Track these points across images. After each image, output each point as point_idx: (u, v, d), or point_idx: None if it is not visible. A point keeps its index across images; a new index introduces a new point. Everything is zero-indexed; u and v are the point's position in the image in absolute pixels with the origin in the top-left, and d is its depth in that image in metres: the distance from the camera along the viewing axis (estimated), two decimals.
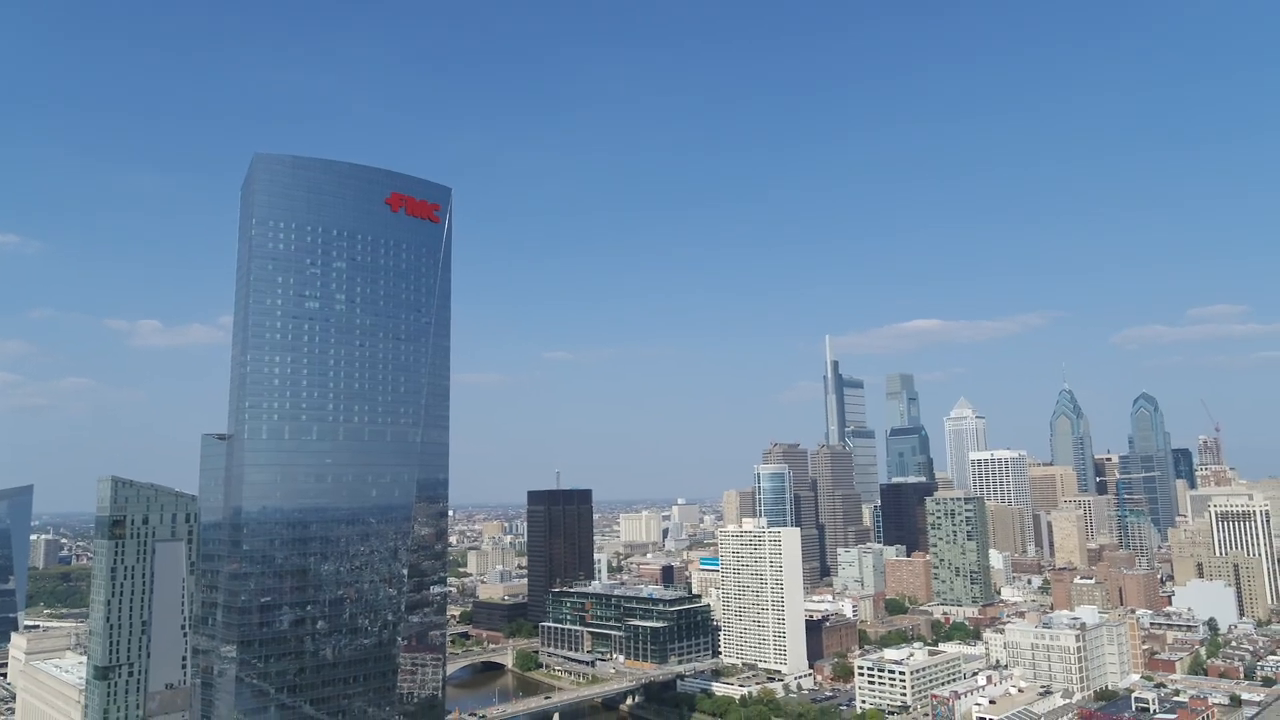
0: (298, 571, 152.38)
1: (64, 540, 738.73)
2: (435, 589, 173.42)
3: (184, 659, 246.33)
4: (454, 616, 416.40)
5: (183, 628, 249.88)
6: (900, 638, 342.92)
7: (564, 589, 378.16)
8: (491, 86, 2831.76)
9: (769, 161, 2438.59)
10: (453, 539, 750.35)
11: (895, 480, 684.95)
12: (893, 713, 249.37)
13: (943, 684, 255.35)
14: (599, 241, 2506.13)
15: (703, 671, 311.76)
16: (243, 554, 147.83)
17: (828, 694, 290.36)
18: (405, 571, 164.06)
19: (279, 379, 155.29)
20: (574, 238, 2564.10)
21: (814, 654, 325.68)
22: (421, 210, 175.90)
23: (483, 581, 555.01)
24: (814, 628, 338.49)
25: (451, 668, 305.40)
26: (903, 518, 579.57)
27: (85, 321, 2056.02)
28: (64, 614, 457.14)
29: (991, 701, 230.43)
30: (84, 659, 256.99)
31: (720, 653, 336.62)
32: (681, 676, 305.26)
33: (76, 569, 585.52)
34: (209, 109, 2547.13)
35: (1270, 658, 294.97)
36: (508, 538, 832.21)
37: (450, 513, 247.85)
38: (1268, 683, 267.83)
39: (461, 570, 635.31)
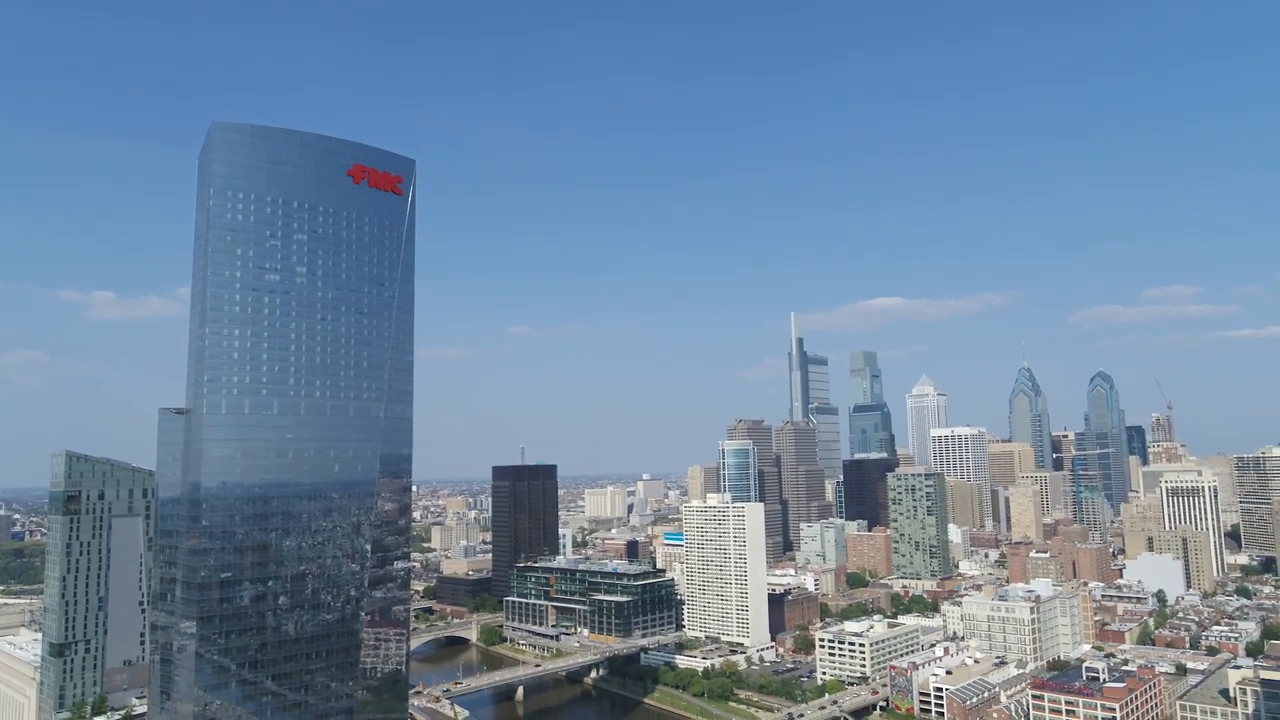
0: (259, 547, 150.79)
1: (17, 516, 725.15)
2: (399, 564, 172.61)
3: (142, 635, 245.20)
4: (418, 592, 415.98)
5: (141, 604, 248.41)
6: (860, 611, 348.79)
7: (528, 564, 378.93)
8: (456, 60, 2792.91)
9: (735, 140, 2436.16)
10: (417, 514, 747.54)
11: (858, 456, 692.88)
12: (852, 683, 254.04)
13: (901, 655, 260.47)
14: (563, 217, 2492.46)
15: (666, 645, 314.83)
16: (202, 529, 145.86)
17: (789, 666, 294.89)
18: (368, 547, 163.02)
19: (239, 353, 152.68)
20: (538, 213, 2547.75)
21: (776, 627, 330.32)
22: (384, 182, 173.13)
23: (447, 557, 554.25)
24: (776, 601, 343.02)
25: (415, 643, 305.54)
26: (864, 493, 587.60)
27: (36, 293, 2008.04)
28: (18, 591, 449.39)
29: (948, 672, 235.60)
30: (39, 636, 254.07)
31: (684, 626, 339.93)
32: (645, 650, 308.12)
33: (30, 545, 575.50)
34: (166, 76, 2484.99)
35: (1215, 628, 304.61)
36: (472, 513, 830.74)
37: (414, 488, 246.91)
38: (1211, 652, 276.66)
39: (425, 546, 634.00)
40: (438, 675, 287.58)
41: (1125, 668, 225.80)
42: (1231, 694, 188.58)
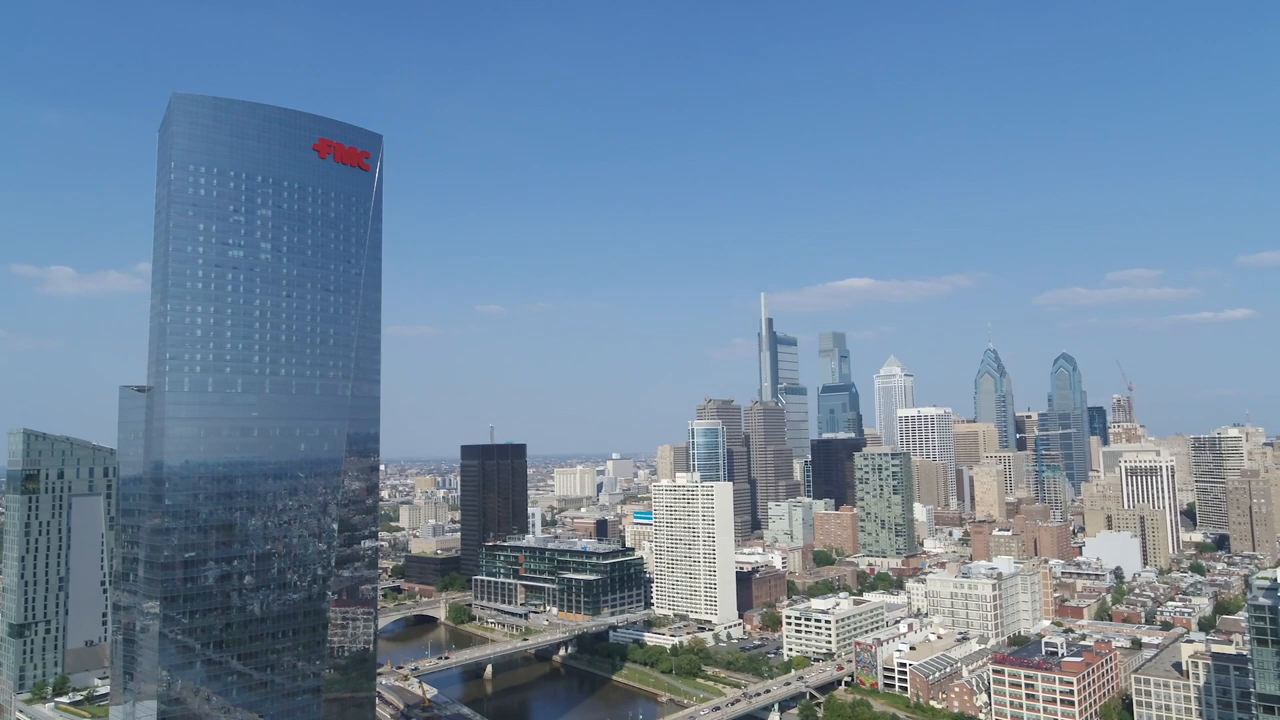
0: (223, 526, 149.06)
1: None
2: (366, 543, 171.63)
3: (104, 615, 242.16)
4: (386, 571, 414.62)
5: (102, 584, 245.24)
6: (827, 588, 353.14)
7: (497, 543, 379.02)
8: (424, 34, 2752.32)
9: (706, 120, 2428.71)
10: (385, 493, 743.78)
11: (826, 436, 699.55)
12: (818, 659, 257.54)
13: (866, 632, 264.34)
14: (533, 196, 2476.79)
15: (635, 622, 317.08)
16: (165, 509, 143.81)
17: (756, 643, 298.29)
18: (335, 526, 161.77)
19: (201, 330, 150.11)
20: (507, 192, 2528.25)
21: (744, 604, 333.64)
22: (351, 158, 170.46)
23: (415, 536, 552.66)
24: (744, 579, 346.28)
25: (383, 621, 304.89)
26: (832, 473, 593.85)
27: None
28: None
29: (912, 648, 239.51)
30: None
31: (652, 604, 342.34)
32: (614, 627, 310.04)
33: None
34: (126, 46, 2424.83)
35: (1169, 603, 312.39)
36: (441, 492, 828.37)
37: (382, 467, 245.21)
38: (1166, 627, 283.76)
39: (394, 525, 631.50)
40: (406, 654, 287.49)
41: (1083, 643, 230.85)
42: (1184, 667, 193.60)
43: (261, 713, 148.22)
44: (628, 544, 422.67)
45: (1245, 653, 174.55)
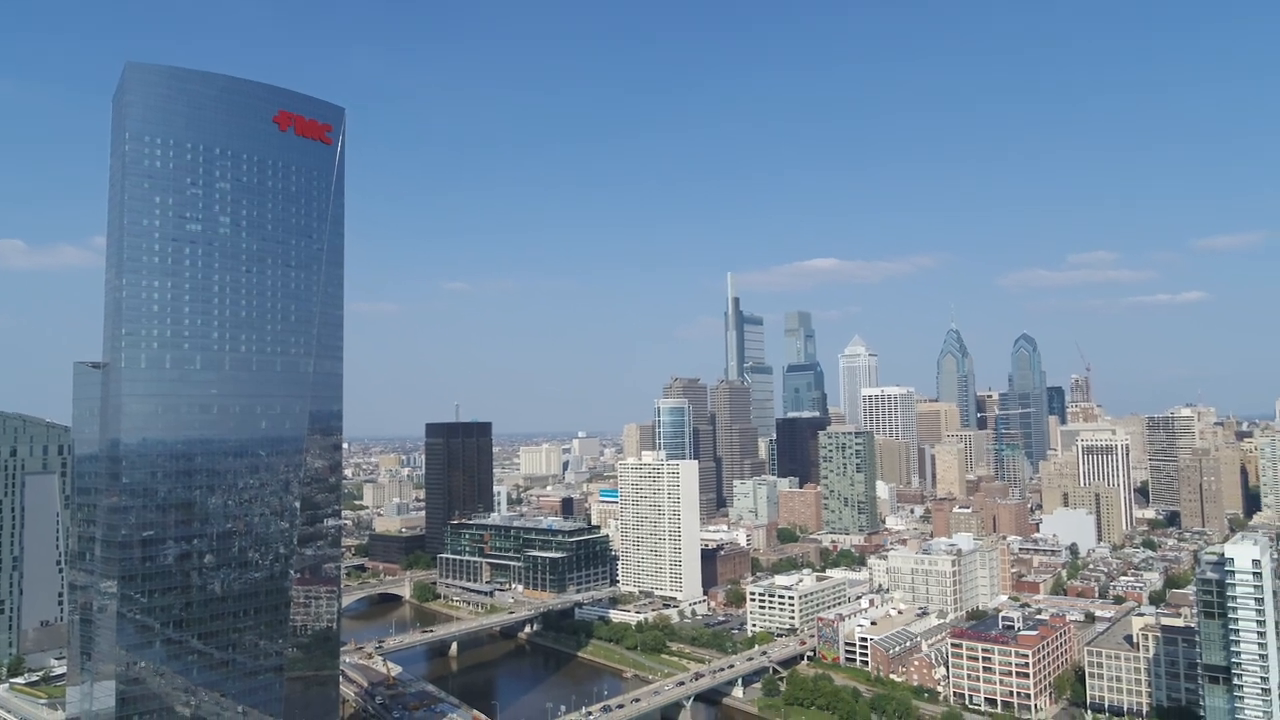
0: (182, 505, 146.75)
1: None
2: (329, 521, 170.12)
3: (60, 595, 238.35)
4: (350, 549, 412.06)
5: (58, 563, 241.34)
6: (791, 565, 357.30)
7: (463, 521, 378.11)
8: (387, 12, 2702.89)
9: (673, 99, 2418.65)
10: (348, 472, 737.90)
11: (791, 415, 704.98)
12: (781, 635, 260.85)
13: (829, 607, 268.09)
14: (498, 173, 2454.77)
15: (601, 599, 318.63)
16: (122, 487, 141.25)
17: (720, 619, 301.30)
18: (297, 504, 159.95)
19: (158, 305, 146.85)
20: (472, 168, 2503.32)
21: (709, 581, 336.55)
22: (312, 130, 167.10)
23: (379, 514, 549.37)
24: (709, 556, 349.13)
25: (347, 600, 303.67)
26: (797, 451, 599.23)
27: None
28: None
29: (873, 623, 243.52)
30: None
31: (618, 581, 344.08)
32: (580, 605, 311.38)
33: None
34: (78, 14, 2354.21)
35: (1122, 578, 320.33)
36: (405, 470, 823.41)
37: (345, 445, 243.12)
38: (1118, 601, 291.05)
39: (358, 503, 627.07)
40: (370, 632, 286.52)
41: (1039, 617, 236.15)
42: (1135, 640, 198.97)
43: (223, 692, 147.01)
44: (593, 522, 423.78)
45: (1193, 625, 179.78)
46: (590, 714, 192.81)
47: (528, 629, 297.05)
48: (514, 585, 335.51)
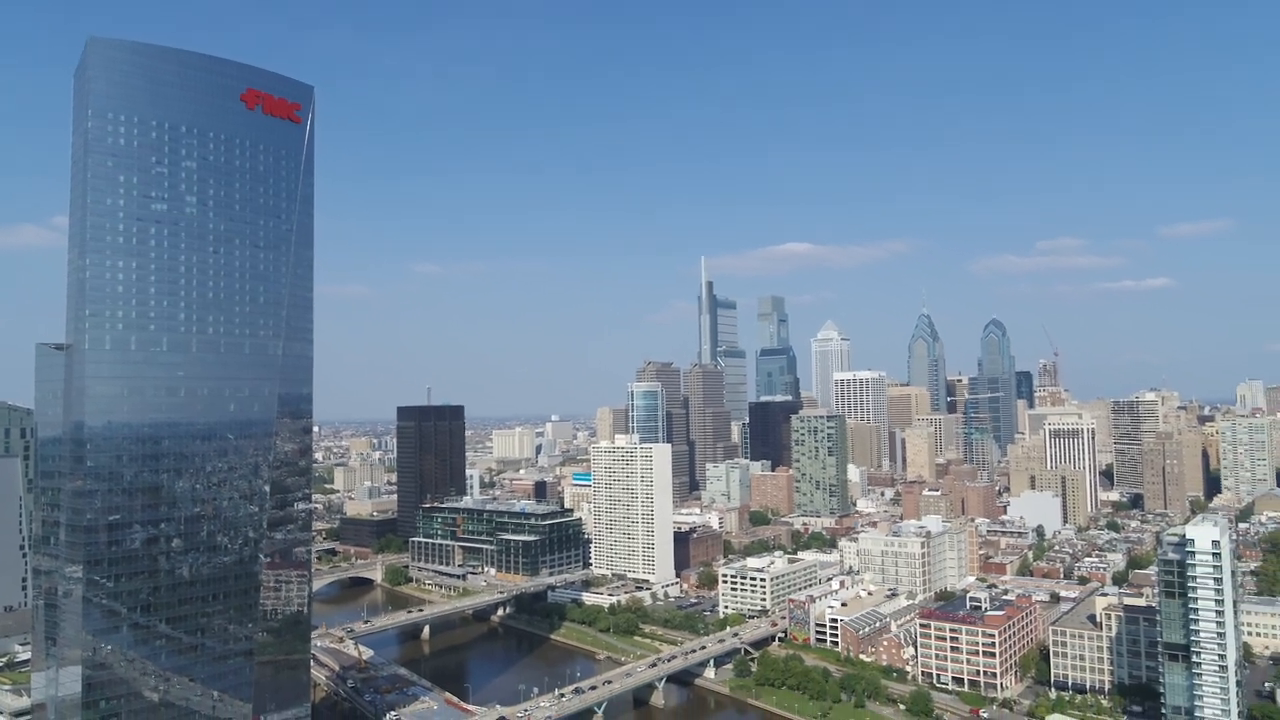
0: (149, 489, 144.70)
1: None
2: (299, 505, 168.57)
3: (24, 580, 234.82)
4: (320, 533, 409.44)
5: (21, 548, 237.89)
6: (762, 547, 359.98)
7: (435, 505, 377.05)
8: None
9: (647, 84, 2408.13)
10: (319, 455, 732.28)
11: (764, 399, 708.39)
12: (753, 616, 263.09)
13: (800, 589, 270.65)
14: (470, 156, 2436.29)
15: (574, 583, 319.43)
16: (87, 470, 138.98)
17: (693, 601, 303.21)
18: (267, 488, 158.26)
19: (123, 286, 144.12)
20: (443, 152, 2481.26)
21: (681, 564, 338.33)
22: (281, 109, 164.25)
23: (350, 498, 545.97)
24: (682, 539, 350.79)
25: (319, 584, 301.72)
26: (769, 434, 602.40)
27: None
28: None
29: (843, 604, 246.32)
30: None
31: (591, 564, 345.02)
32: (552, 588, 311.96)
33: None
34: None
35: (1086, 559, 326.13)
36: (376, 454, 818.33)
37: (316, 428, 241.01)
38: (1083, 581, 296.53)
39: (328, 487, 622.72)
40: (342, 616, 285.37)
41: (1005, 597, 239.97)
42: (1098, 619, 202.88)
43: (192, 676, 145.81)
44: (566, 505, 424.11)
45: (1154, 605, 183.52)
46: (563, 696, 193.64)
47: (500, 612, 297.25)
48: (486, 569, 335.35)
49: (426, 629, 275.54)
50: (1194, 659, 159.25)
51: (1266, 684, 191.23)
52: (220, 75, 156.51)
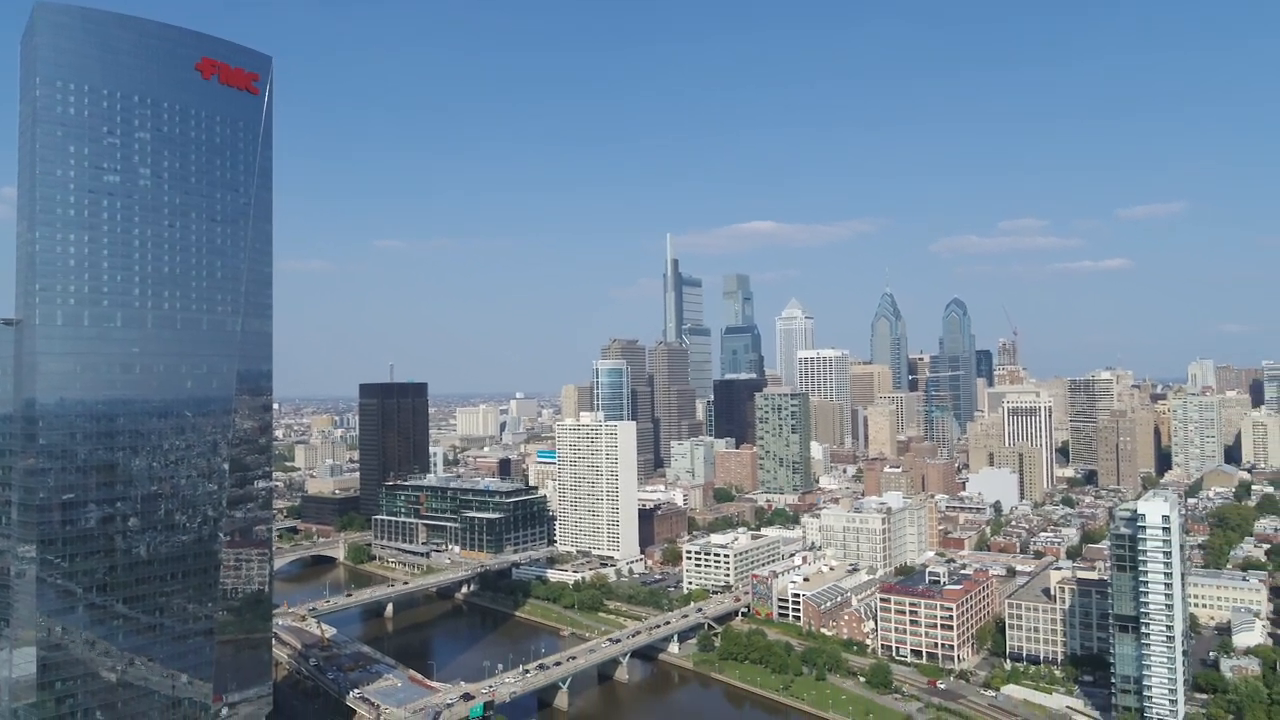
0: (104, 467, 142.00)
1: None
2: (260, 483, 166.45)
3: None
4: (281, 511, 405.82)
5: None
6: (726, 524, 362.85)
7: (398, 482, 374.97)
8: None
9: (613, 61, 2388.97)
10: (279, 433, 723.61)
11: (728, 377, 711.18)
12: (717, 592, 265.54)
13: (763, 565, 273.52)
14: (430, 134, 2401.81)
15: (538, 560, 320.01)
16: (39, 449, 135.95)
17: (657, 577, 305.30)
18: (226, 466, 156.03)
19: (75, 259, 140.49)
20: (403, 128, 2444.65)
21: (646, 540, 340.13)
22: (238, 79, 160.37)
23: (312, 476, 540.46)
24: (646, 516, 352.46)
25: (280, 562, 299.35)
26: (734, 412, 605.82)
27: None
28: None
29: (805, 579, 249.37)
30: None
31: (555, 541, 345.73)
32: (517, 565, 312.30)
33: None
34: None
35: (1042, 534, 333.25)
36: (338, 431, 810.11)
37: (276, 406, 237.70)
38: (1038, 555, 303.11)
39: (289, 465, 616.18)
40: (304, 594, 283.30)
41: (963, 572, 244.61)
42: (1052, 592, 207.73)
43: (151, 656, 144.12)
44: (531, 483, 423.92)
45: (1106, 578, 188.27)
46: (527, 672, 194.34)
47: (464, 589, 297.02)
48: (451, 546, 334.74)
49: (390, 607, 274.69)
50: (1143, 630, 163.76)
51: (1211, 653, 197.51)
52: (174, 44, 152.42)
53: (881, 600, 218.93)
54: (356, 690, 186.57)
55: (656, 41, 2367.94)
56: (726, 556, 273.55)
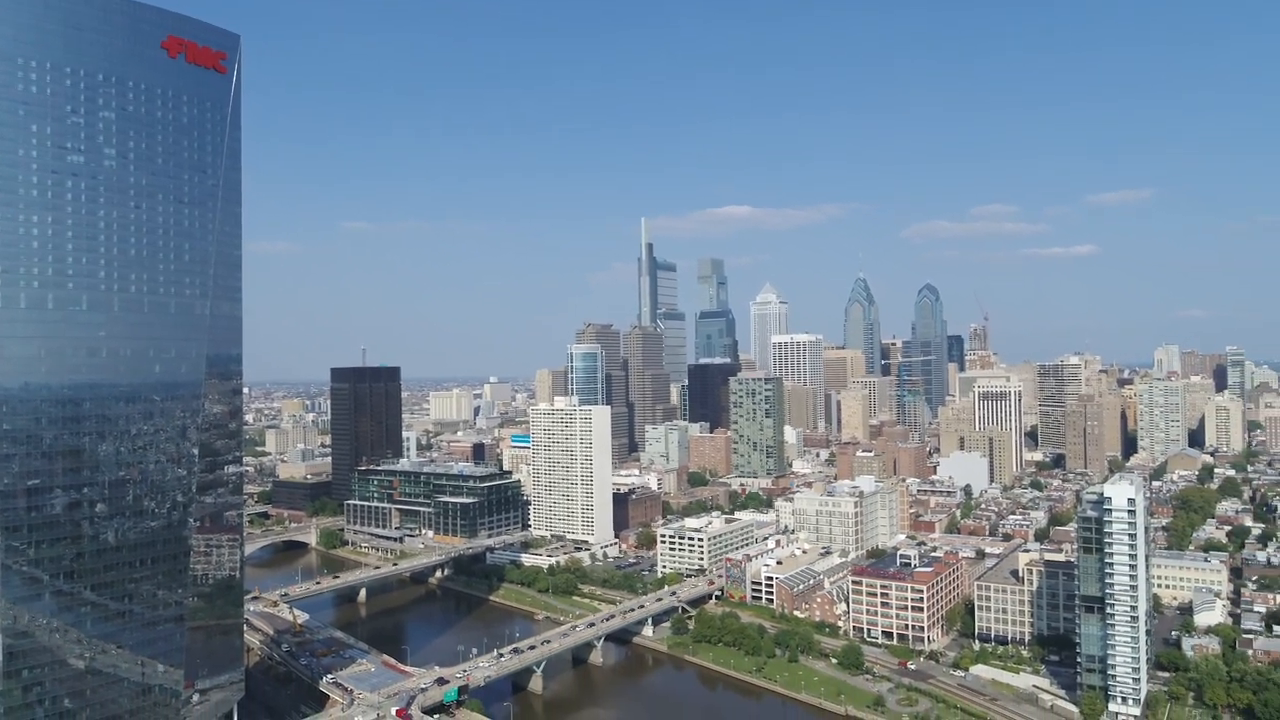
0: (70, 452, 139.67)
1: None
2: (230, 468, 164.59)
3: None
4: (252, 496, 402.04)
5: None
6: (700, 508, 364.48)
7: (371, 467, 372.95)
8: None
9: (589, 46, 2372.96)
10: (250, 417, 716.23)
11: (703, 361, 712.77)
12: (690, 575, 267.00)
13: (737, 549, 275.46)
14: (402, 116, 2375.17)
15: (512, 544, 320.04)
16: (3, 434, 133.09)
17: (632, 561, 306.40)
18: (195, 451, 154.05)
19: (38, 241, 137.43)
20: (373, 110, 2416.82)
21: (620, 525, 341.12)
22: (205, 58, 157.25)
23: (283, 460, 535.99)
24: (621, 500, 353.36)
25: (251, 548, 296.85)
26: (708, 396, 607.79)
27: None
28: None
29: (778, 562, 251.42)
30: None
31: (530, 526, 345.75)
32: (491, 549, 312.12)
33: None
34: None
35: (1011, 517, 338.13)
36: (310, 416, 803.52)
37: (246, 390, 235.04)
38: (1007, 538, 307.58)
39: (260, 450, 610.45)
40: (276, 580, 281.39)
41: (934, 554, 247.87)
42: (1020, 574, 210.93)
43: (120, 643, 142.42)
44: (505, 467, 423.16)
45: (1073, 560, 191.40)
46: (502, 656, 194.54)
47: (439, 574, 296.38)
48: (424, 531, 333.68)
49: (363, 592, 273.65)
50: (1108, 610, 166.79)
51: (1173, 632, 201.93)
52: (139, 20, 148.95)
53: (853, 583, 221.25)
54: (330, 675, 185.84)
55: (630, 27, 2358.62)
56: (700, 540, 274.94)
